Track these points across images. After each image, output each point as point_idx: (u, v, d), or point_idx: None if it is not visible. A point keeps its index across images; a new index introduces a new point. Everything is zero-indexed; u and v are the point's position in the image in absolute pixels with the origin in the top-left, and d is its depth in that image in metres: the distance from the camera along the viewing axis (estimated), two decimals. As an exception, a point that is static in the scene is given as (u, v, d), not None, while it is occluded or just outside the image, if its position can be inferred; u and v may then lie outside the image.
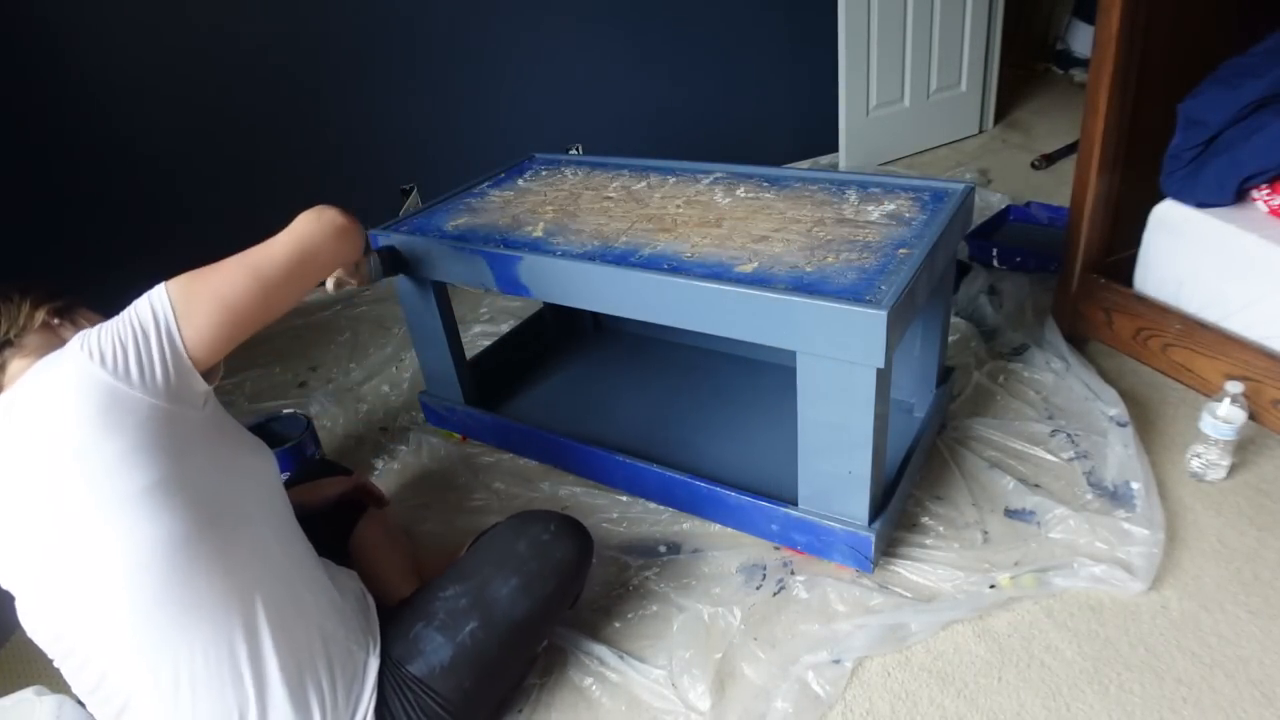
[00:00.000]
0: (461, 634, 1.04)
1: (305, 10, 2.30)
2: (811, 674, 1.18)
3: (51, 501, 0.79)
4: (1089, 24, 3.47)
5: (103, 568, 0.80)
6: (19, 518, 0.81)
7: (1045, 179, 2.89)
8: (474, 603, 1.07)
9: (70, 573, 0.81)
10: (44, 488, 0.79)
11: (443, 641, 1.03)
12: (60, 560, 0.81)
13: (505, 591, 1.08)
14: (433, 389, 1.78)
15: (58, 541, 0.80)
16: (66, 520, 0.79)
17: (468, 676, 1.03)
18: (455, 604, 1.07)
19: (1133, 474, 1.44)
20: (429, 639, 1.03)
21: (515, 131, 2.71)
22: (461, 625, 1.05)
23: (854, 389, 1.13)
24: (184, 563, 0.82)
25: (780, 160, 3.17)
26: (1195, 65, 1.55)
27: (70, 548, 0.80)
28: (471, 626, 1.05)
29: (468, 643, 1.04)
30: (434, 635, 1.04)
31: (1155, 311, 1.64)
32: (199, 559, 0.83)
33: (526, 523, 1.19)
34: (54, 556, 0.81)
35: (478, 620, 1.05)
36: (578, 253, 1.33)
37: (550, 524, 1.19)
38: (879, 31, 2.94)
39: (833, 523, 1.29)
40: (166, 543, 0.81)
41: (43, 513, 0.80)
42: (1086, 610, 1.24)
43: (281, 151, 2.43)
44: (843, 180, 1.50)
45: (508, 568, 1.11)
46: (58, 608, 0.83)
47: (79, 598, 0.81)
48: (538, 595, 1.11)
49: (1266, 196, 1.49)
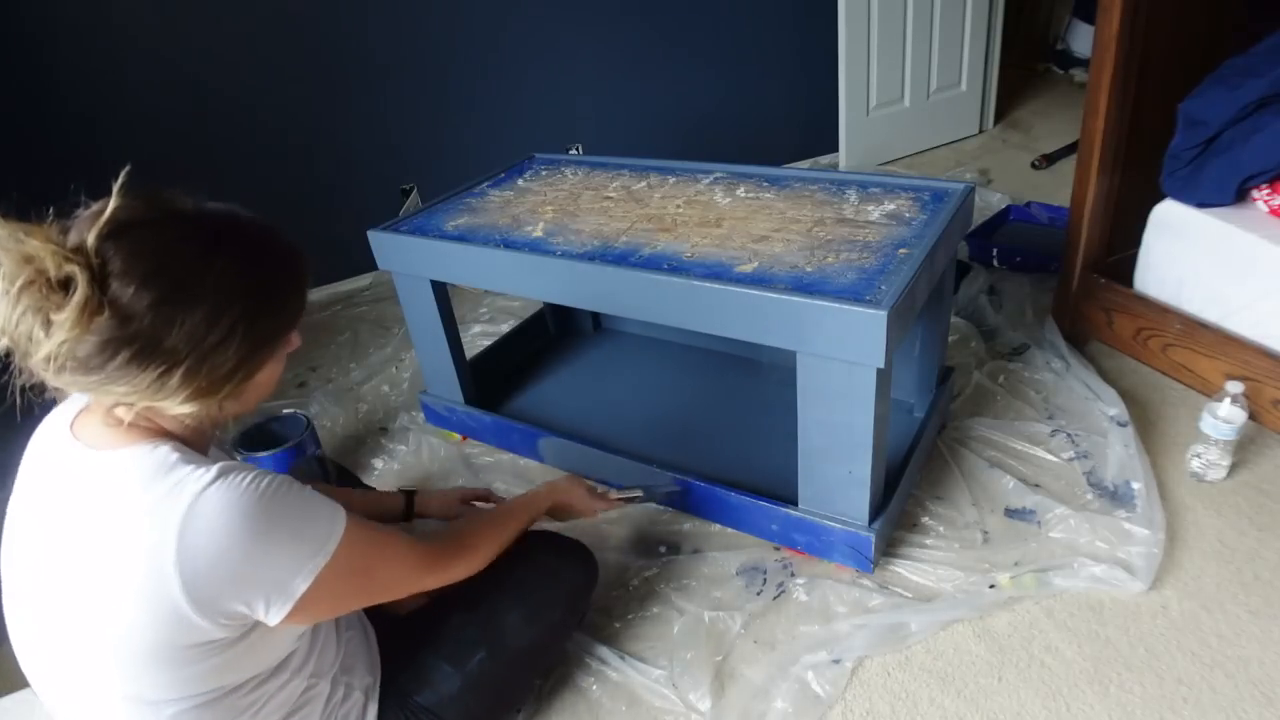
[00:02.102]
0: (470, 664, 1.02)
1: (305, 10, 2.30)
2: (811, 674, 1.18)
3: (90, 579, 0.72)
4: (1089, 24, 3.46)
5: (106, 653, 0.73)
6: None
7: (1045, 179, 2.89)
8: (481, 632, 1.05)
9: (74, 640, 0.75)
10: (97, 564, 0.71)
11: (450, 671, 1.01)
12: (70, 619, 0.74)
13: (512, 619, 1.07)
14: (433, 389, 1.78)
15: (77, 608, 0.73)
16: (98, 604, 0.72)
17: (476, 704, 1.02)
18: (462, 633, 1.05)
19: (1133, 474, 1.44)
20: (437, 669, 1.01)
21: (515, 131, 2.71)
22: (470, 655, 1.03)
23: (854, 389, 1.13)
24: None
25: (780, 160, 3.17)
26: (1195, 65, 1.55)
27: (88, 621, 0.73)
28: (480, 656, 1.03)
29: (475, 672, 1.02)
30: (442, 665, 1.02)
31: (1155, 311, 1.64)
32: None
33: (532, 548, 1.16)
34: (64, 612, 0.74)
35: (485, 650, 1.04)
36: (578, 253, 1.33)
37: (556, 549, 1.18)
38: (879, 31, 2.94)
39: (833, 523, 1.29)
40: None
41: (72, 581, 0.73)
42: (1086, 610, 1.24)
43: (282, 151, 2.43)
44: (843, 180, 1.50)
45: (514, 595, 1.09)
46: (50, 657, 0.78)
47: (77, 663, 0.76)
48: (545, 621, 1.10)
49: (1266, 196, 1.49)
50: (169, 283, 0.68)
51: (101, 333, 0.66)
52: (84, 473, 0.73)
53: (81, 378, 0.68)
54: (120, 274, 0.66)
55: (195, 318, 0.68)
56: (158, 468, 0.71)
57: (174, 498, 0.69)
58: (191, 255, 0.70)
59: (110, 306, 0.65)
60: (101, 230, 0.66)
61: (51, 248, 0.63)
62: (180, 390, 0.70)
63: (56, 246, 0.64)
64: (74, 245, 0.65)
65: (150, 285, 0.67)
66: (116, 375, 0.68)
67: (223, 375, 0.72)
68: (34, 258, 0.63)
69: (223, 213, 0.75)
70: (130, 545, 0.69)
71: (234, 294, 0.71)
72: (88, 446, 0.74)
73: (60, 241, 0.65)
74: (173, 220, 0.71)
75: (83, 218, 0.69)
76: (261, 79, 2.33)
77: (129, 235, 0.68)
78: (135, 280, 0.66)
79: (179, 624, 0.70)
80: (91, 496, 0.72)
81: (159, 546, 0.68)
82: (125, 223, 0.68)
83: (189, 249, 0.70)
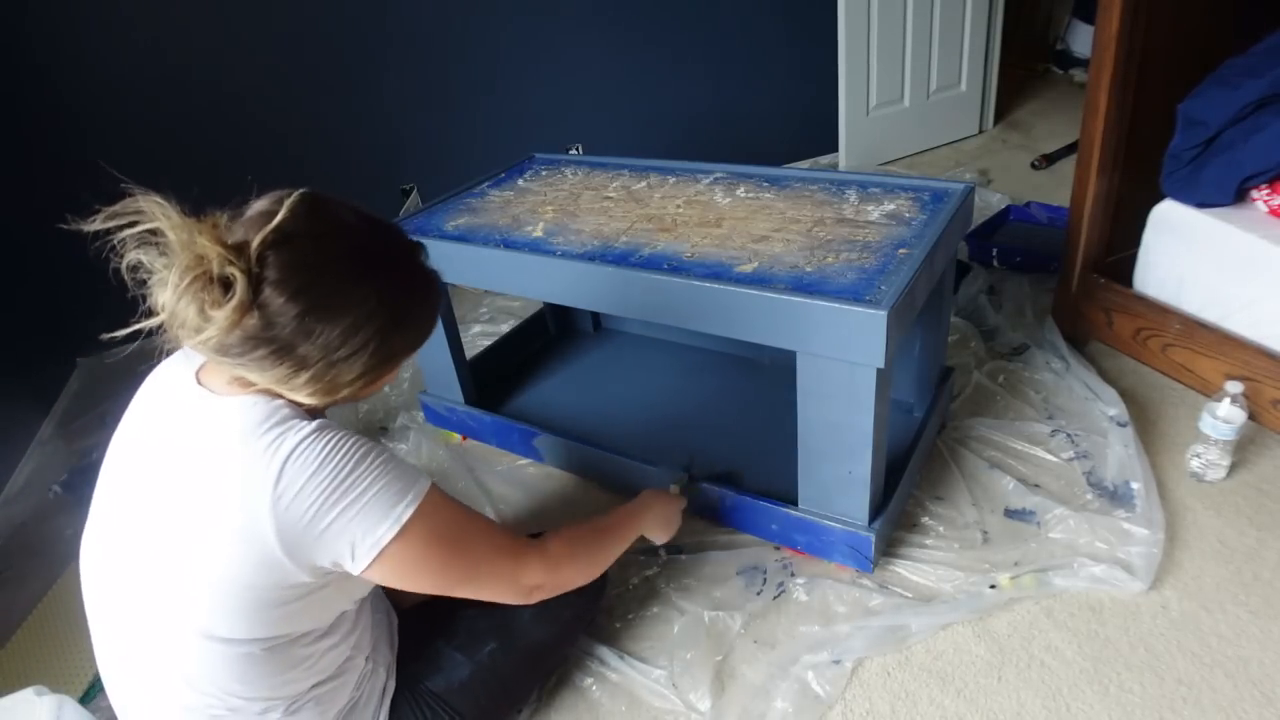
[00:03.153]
0: (480, 654, 1.04)
1: (305, 10, 2.30)
2: (811, 674, 1.18)
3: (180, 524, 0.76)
4: (1089, 24, 3.47)
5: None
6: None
7: (1045, 179, 2.89)
8: (494, 624, 1.07)
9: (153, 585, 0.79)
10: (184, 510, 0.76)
11: (462, 660, 1.03)
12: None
13: (525, 614, 1.08)
14: (433, 389, 1.78)
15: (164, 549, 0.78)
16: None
17: (484, 695, 1.03)
18: (475, 624, 1.07)
19: (1133, 474, 1.44)
20: (449, 657, 1.04)
21: (515, 131, 2.71)
22: (481, 645, 1.05)
23: (854, 389, 1.13)
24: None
25: (780, 160, 3.17)
26: (1195, 65, 1.55)
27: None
28: (491, 647, 1.05)
29: (486, 662, 1.04)
30: (454, 654, 1.04)
31: (1155, 311, 1.64)
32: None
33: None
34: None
35: (497, 642, 1.06)
36: (578, 253, 1.33)
37: None
38: (879, 31, 2.94)
39: (833, 523, 1.29)
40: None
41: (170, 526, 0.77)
42: (1086, 610, 1.24)
43: (281, 151, 2.43)
44: (843, 180, 1.50)
45: None
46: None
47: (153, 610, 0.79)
48: (556, 619, 1.11)
49: (1266, 196, 1.49)
50: (317, 298, 0.73)
51: (247, 330, 0.72)
52: (200, 414, 0.79)
53: (219, 356, 0.74)
54: (275, 282, 0.71)
55: (333, 332, 0.74)
56: (265, 417, 0.76)
57: (274, 447, 0.75)
58: (343, 273, 0.75)
59: (260, 309, 0.71)
60: (266, 238, 0.71)
61: (219, 250, 0.69)
62: (304, 387, 0.77)
63: (223, 249, 0.70)
64: (236, 244, 0.71)
65: (299, 298, 0.72)
66: (250, 364, 0.74)
67: (345, 381, 0.79)
68: (204, 257, 0.70)
69: (380, 231, 0.81)
70: (231, 487, 0.74)
71: (374, 315, 0.76)
72: (209, 391, 0.80)
73: (225, 240, 0.71)
74: (333, 236, 0.76)
75: (252, 217, 0.75)
76: (261, 79, 2.33)
77: (289, 246, 0.73)
78: (287, 292, 0.72)
79: (271, 566, 0.75)
80: (203, 436, 0.77)
81: (257, 493, 0.73)
82: (289, 233, 0.73)
83: (342, 268, 0.75)
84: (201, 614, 0.76)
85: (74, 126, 2.17)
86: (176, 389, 0.82)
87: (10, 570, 1.63)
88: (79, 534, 0.87)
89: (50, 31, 2.06)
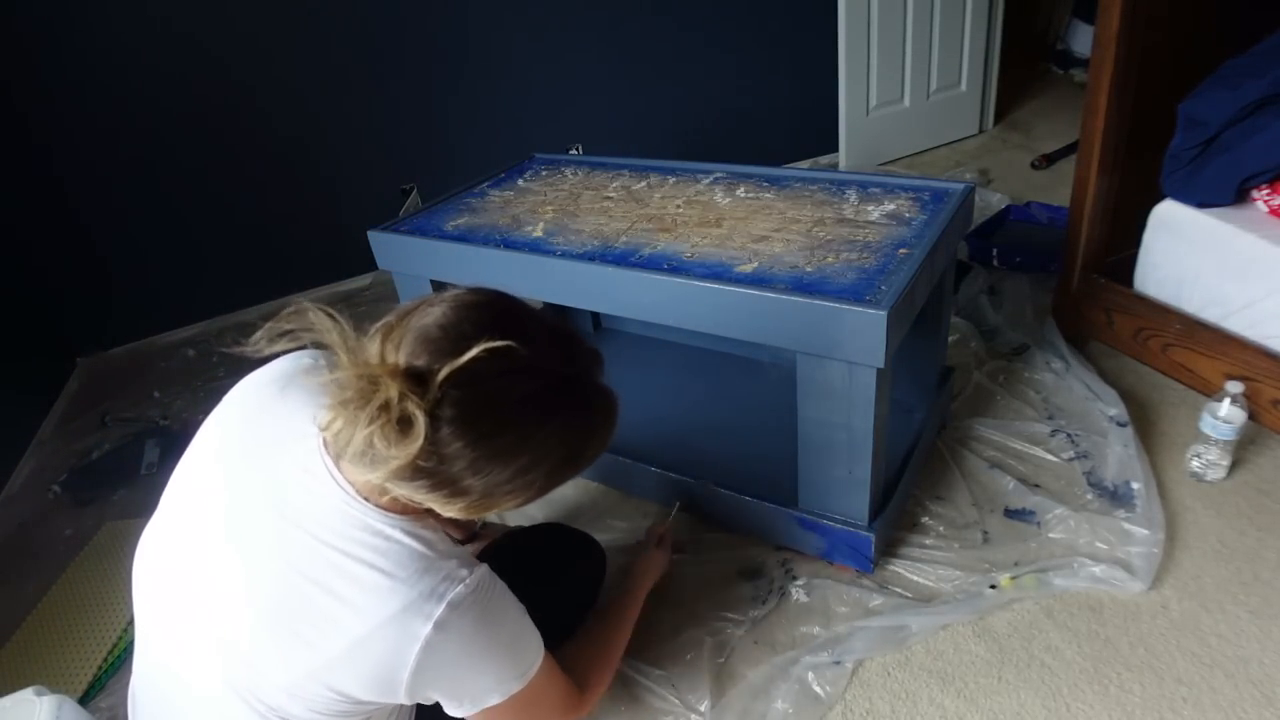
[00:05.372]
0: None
1: (305, 10, 2.30)
2: (811, 674, 1.18)
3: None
4: (1089, 24, 3.47)
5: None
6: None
7: (1045, 179, 2.89)
8: None
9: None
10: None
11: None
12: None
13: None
14: (433, 389, 1.77)
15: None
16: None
17: None
18: None
19: (1133, 474, 1.44)
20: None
21: (515, 131, 2.71)
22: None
23: (854, 389, 1.13)
24: None
25: (780, 160, 3.17)
26: (1195, 65, 1.55)
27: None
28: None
29: None
30: None
31: (1155, 311, 1.64)
32: None
33: (544, 542, 1.19)
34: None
35: None
36: (578, 253, 1.33)
37: (566, 542, 1.19)
38: (879, 31, 2.94)
39: (832, 523, 1.29)
40: None
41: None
42: (1086, 610, 1.24)
43: (281, 151, 2.43)
44: (843, 180, 1.50)
45: (526, 586, 1.10)
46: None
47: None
48: (555, 612, 1.10)
49: (1266, 196, 1.49)
50: (494, 445, 0.68)
51: (414, 463, 0.66)
52: (342, 513, 0.73)
53: (369, 472, 0.68)
54: (453, 421, 0.66)
55: (504, 473, 0.69)
56: (421, 558, 0.73)
57: (430, 603, 0.71)
58: (525, 420, 0.70)
59: (433, 444, 0.65)
60: (451, 375, 0.65)
61: (400, 388, 0.64)
62: (458, 512, 0.72)
63: (404, 385, 0.64)
64: (417, 374, 0.65)
65: (479, 445, 0.67)
66: (407, 486, 0.69)
67: (501, 507, 0.74)
68: (378, 383, 0.64)
69: (570, 360, 0.74)
70: (376, 622, 0.70)
71: (550, 455, 0.72)
72: (349, 489, 0.74)
73: (400, 365, 0.66)
74: (522, 375, 0.69)
75: (429, 331, 0.68)
76: (261, 78, 2.33)
77: (475, 388, 0.67)
78: (467, 436, 0.66)
79: (382, 693, 0.73)
80: (345, 542, 0.72)
81: (404, 641, 0.71)
82: (476, 374, 0.66)
83: (526, 413, 0.70)
84: (278, 693, 0.74)
85: (74, 126, 2.17)
86: (309, 461, 0.76)
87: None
88: (79, 534, 0.85)
89: (50, 31, 2.06)
